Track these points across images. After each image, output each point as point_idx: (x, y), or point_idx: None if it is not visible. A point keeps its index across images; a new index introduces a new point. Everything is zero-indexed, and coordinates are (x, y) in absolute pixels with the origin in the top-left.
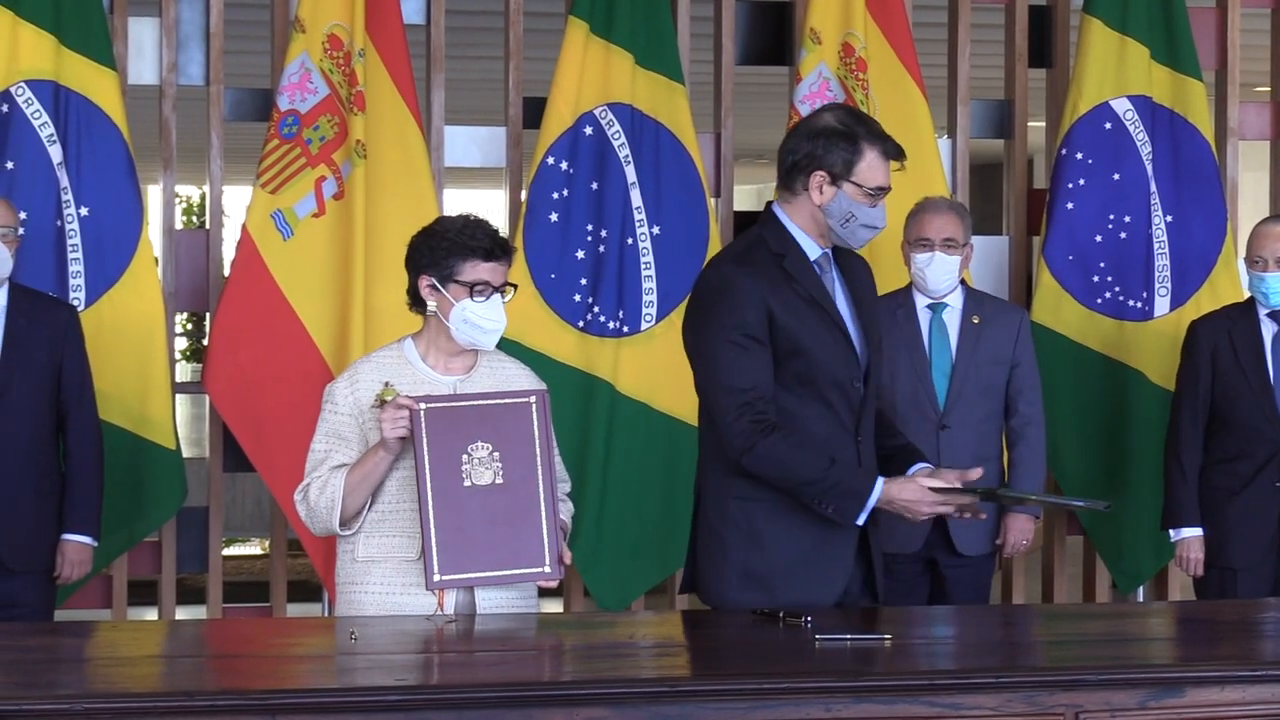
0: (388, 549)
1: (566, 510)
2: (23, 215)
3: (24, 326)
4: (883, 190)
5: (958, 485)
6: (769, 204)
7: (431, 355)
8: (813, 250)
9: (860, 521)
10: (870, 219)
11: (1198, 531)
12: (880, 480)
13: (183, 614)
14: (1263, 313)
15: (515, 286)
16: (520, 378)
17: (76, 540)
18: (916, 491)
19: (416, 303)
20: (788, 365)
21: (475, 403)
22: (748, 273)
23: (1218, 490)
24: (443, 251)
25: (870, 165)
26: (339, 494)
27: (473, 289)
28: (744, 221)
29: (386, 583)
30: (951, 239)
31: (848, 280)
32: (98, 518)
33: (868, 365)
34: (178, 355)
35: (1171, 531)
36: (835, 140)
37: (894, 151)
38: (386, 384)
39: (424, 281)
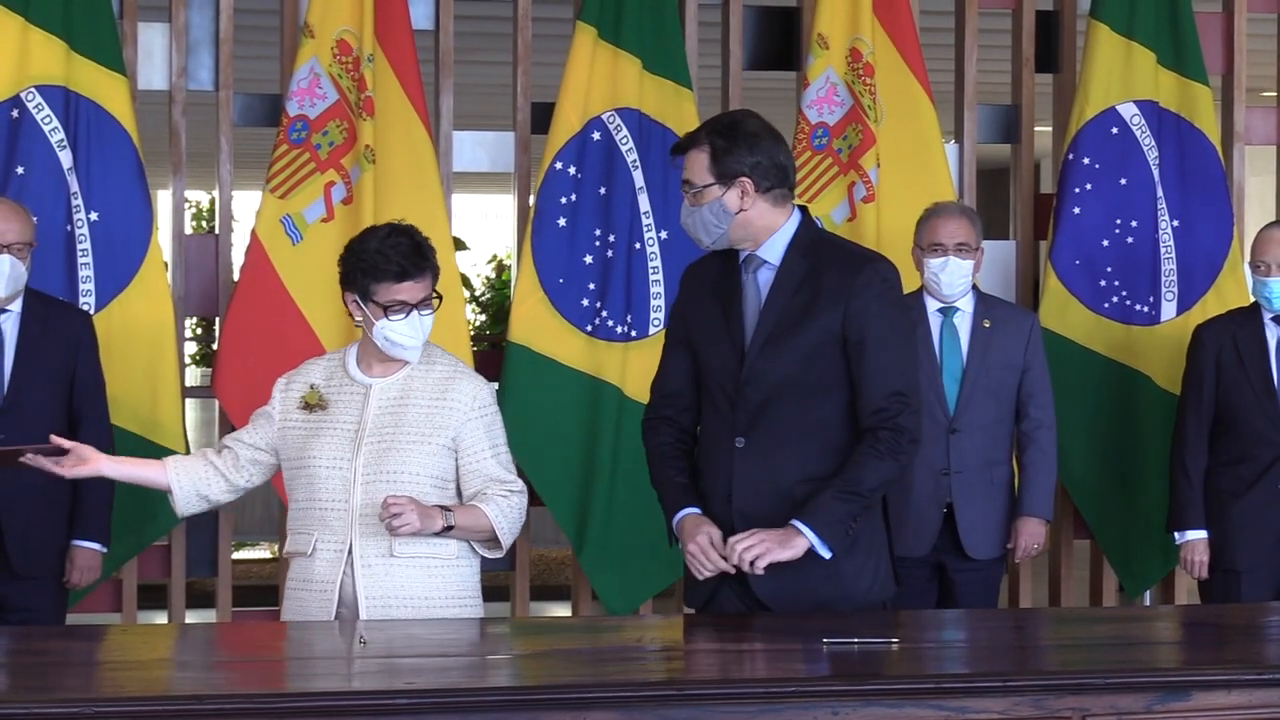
0: (292, 545)
1: (496, 505)
2: (34, 220)
3: (38, 333)
4: (684, 182)
5: (723, 565)
6: None
7: (364, 360)
8: (742, 252)
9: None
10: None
11: (1202, 534)
12: (684, 512)
13: (192, 618)
14: (1267, 317)
15: (440, 298)
16: (453, 379)
17: (87, 546)
18: (695, 537)
19: (351, 314)
20: (699, 363)
21: None
22: (689, 275)
23: (1222, 493)
24: (358, 272)
25: None
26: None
27: (387, 309)
28: None
29: (293, 578)
30: (964, 243)
31: (799, 283)
32: (108, 524)
33: (751, 366)
34: (187, 360)
35: (1176, 534)
36: None
37: (673, 144)
38: (312, 386)
39: (348, 298)
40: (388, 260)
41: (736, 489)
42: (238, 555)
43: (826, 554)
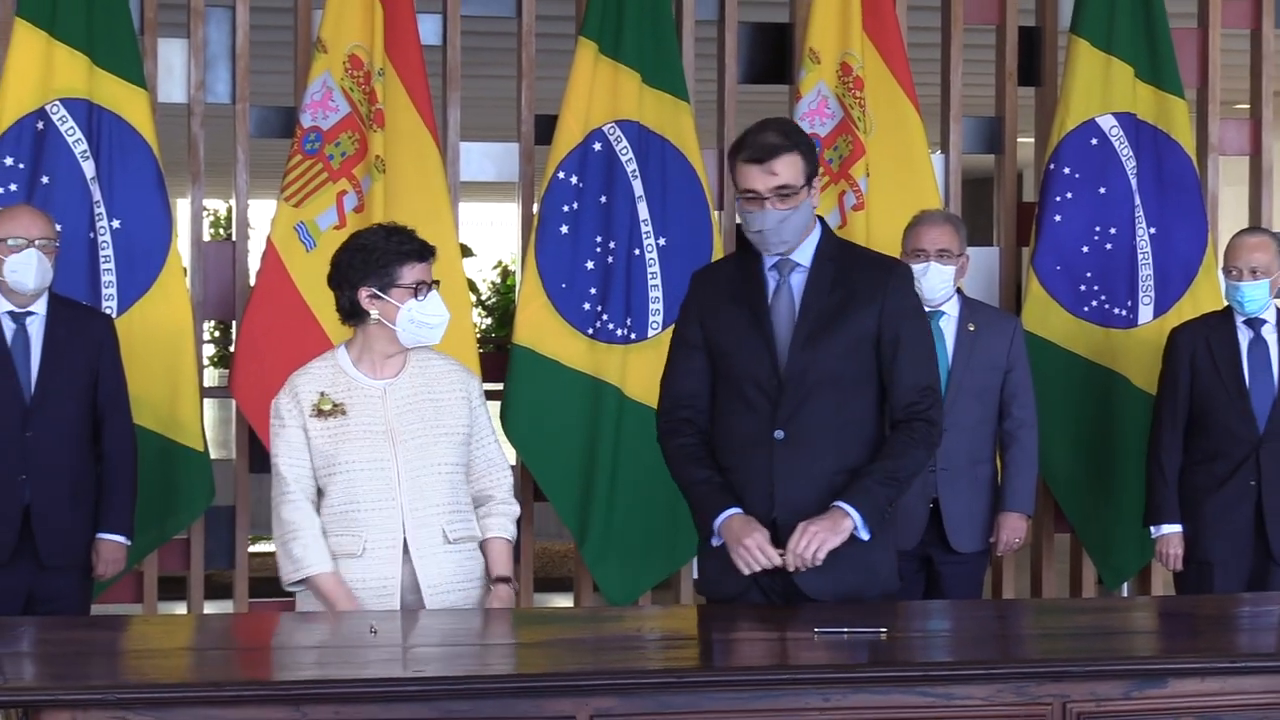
0: (333, 548)
1: (507, 517)
2: (58, 227)
3: (63, 336)
4: (750, 194)
5: (774, 562)
6: None
7: (364, 361)
8: (770, 257)
9: (714, 542)
10: (748, 224)
11: (1177, 528)
12: (730, 512)
13: (210, 609)
14: (1239, 320)
15: (439, 283)
16: (451, 372)
17: (112, 539)
18: (745, 536)
19: (351, 315)
20: (719, 364)
21: None
22: (700, 281)
23: (1196, 489)
24: (379, 261)
25: (738, 173)
26: (302, 574)
27: (415, 290)
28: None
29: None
30: (946, 250)
31: (831, 284)
32: (131, 518)
33: (793, 363)
34: (205, 361)
35: (1152, 528)
36: (729, 159)
37: (757, 155)
38: (322, 394)
39: (364, 293)
40: (407, 244)
41: (779, 481)
42: (254, 549)
43: (866, 535)
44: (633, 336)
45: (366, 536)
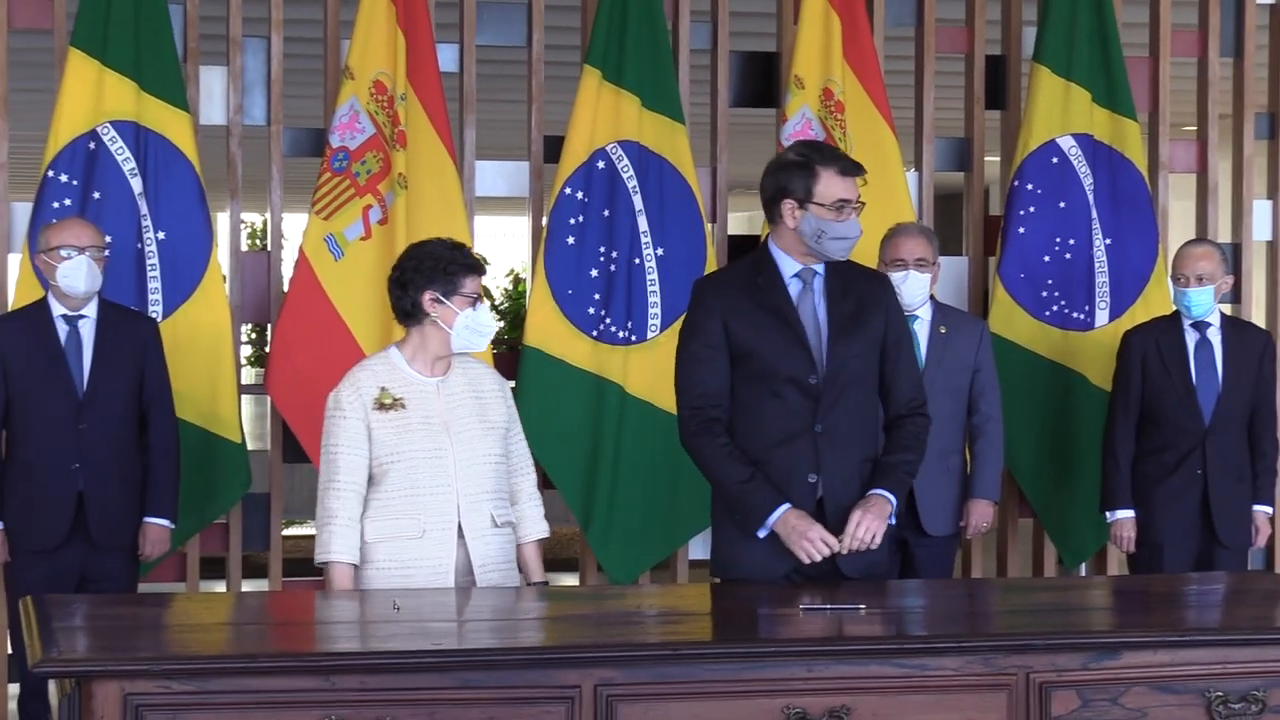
0: (393, 531)
1: (540, 519)
2: (108, 238)
3: (112, 337)
4: (844, 202)
5: (835, 548)
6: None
7: (418, 360)
8: (790, 267)
9: (760, 534)
10: (839, 232)
11: (1130, 513)
12: (784, 507)
13: (247, 587)
14: (1187, 323)
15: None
16: (489, 374)
17: (157, 523)
18: (808, 530)
19: (409, 316)
20: (745, 365)
21: None
22: (713, 288)
23: (1147, 477)
24: (446, 270)
25: (827, 184)
26: (322, 558)
27: (474, 300)
28: (737, 243)
29: (392, 560)
30: (923, 259)
31: (842, 292)
32: (175, 503)
33: (830, 363)
34: (243, 361)
35: (1108, 513)
36: (794, 170)
37: (851, 168)
38: (382, 389)
39: (428, 296)
40: (468, 258)
41: (824, 469)
42: (287, 532)
43: (893, 521)
44: (633, 338)
45: (425, 520)
